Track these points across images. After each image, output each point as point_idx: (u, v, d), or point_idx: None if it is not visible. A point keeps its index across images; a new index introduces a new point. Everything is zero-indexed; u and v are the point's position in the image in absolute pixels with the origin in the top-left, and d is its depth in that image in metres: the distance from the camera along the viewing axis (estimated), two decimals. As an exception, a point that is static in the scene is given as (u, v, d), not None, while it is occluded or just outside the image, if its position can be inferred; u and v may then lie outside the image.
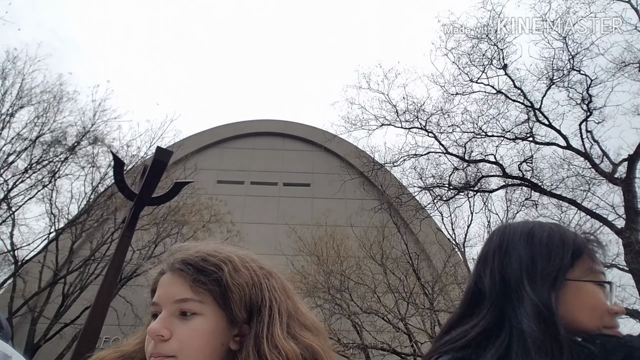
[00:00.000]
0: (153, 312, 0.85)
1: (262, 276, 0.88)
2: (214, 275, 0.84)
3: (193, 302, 0.82)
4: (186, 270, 0.84)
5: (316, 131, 18.33)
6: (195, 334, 0.80)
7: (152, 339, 0.79)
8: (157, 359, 0.77)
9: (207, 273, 0.84)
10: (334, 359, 0.85)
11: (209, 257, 0.87)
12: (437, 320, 9.89)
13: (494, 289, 0.90)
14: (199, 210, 13.11)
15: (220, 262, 0.86)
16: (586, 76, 9.92)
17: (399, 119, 11.58)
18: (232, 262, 0.86)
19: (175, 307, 0.82)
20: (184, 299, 0.82)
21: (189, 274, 0.84)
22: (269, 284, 0.88)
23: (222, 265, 0.86)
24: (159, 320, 0.80)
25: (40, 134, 11.92)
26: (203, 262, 0.86)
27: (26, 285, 11.37)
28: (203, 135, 19.99)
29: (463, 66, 10.98)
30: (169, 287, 0.84)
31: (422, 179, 11.52)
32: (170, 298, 0.83)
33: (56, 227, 12.03)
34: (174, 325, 0.80)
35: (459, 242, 11.92)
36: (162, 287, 0.86)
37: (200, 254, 0.87)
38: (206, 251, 0.88)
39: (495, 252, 0.94)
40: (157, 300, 0.84)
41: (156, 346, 0.78)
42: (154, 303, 0.85)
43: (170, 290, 0.84)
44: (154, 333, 0.78)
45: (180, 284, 0.84)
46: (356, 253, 11.85)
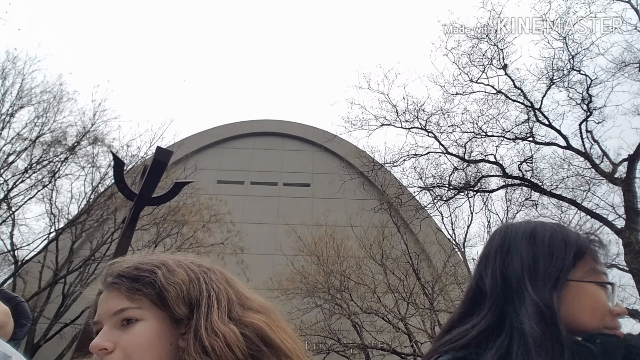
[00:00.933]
0: (96, 331, 0.85)
1: (199, 272, 0.89)
2: (148, 279, 0.85)
3: (131, 310, 0.83)
4: (120, 282, 0.86)
5: (316, 131, 18.33)
6: (139, 338, 0.81)
7: (97, 355, 0.79)
8: None
9: (140, 279, 0.85)
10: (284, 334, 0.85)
11: (141, 265, 0.89)
12: (437, 320, 9.89)
13: (495, 288, 0.90)
14: (199, 210, 13.11)
15: (153, 267, 0.88)
16: (586, 76, 9.92)
17: (399, 119, 11.59)
18: (165, 264, 0.88)
19: (115, 319, 0.83)
20: (121, 309, 0.83)
21: (123, 285, 0.85)
22: (207, 277, 0.89)
23: (155, 269, 0.87)
24: (100, 335, 0.81)
25: (40, 134, 11.92)
26: (136, 270, 0.87)
27: (26, 285, 11.37)
28: (203, 135, 19.98)
29: (463, 66, 10.98)
30: (105, 303, 0.86)
31: (422, 179, 11.53)
32: (108, 312, 0.84)
33: (56, 227, 12.03)
34: (117, 337, 0.81)
35: (459, 242, 11.92)
36: (99, 305, 0.87)
37: (132, 264, 0.89)
38: (138, 261, 0.90)
39: (497, 252, 0.94)
40: (97, 318, 0.85)
41: (102, 359, 0.78)
42: (95, 322, 0.86)
43: (107, 305, 0.85)
44: (96, 348, 0.79)
45: (116, 297, 0.85)
46: (356, 253, 11.85)
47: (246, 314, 0.85)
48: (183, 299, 0.85)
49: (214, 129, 20.57)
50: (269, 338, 0.82)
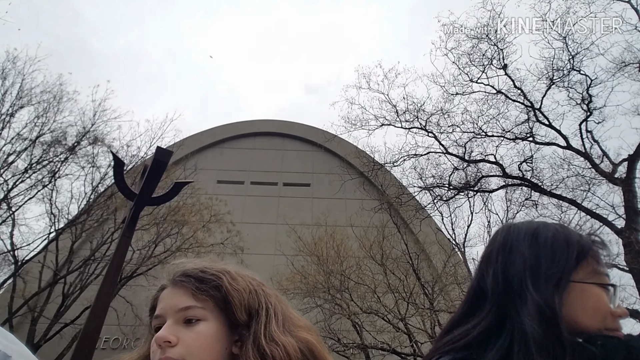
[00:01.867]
0: (156, 326, 0.89)
1: (256, 285, 0.95)
2: (214, 282, 0.90)
3: (196, 309, 0.87)
4: (187, 281, 0.90)
5: (316, 131, 18.33)
6: (201, 337, 0.85)
7: (160, 346, 0.82)
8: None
9: (207, 281, 0.90)
10: (328, 354, 0.90)
11: (207, 268, 0.93)
12: (437, 320, 9.88)
13: (496, 288, 0.89)
14: (199, 210, 13.11)
15: (218, 272, 0.93)
16: (586, 76, 9.92)
17: (399, 119, 11.58)
18: (229, 272, 0.94)
19: (179, 316, 0.87)
20: (187, 307, 0.87)
21: (190, 284, 0.89)
22: (264, 291, 0.95)
23: (220, 274, 0.92)
24: (165, 328, 0.85)
25: (40, 134, 11.92)
26: (202, 273, 0.92)
27: (26, 285, 11.37)
28: (203, 135, 19.98)
29: (463, 66, 10.98)
30: (170, 299, 0.90)
31: (422, 179, 11.53)
32: (173, 308, 0.88)
33: (56, 227, 12.03)
34: (180, 332, 0.84)
35: (459, 242, 11.92)
36: (163, 300, 0.91)
37: (198, 267, 0.94)
38: (203, 264, 0.96)
39: (498, 252, 0.94)
40: (161, 312, 0.89)
41: (164, 351, 0.82)
42: (157, 316, 0.90)
43: (172, 301, 0.89)
44: (161, 339, 0.82)
45: (182, 294, 0.89)
46: (356, 253, 11.85)
47: (299, 330, 0.90)
48: (244, 306, 0.90)
49: (214, 129, 20.57)
50: (320, 355, 0.87)
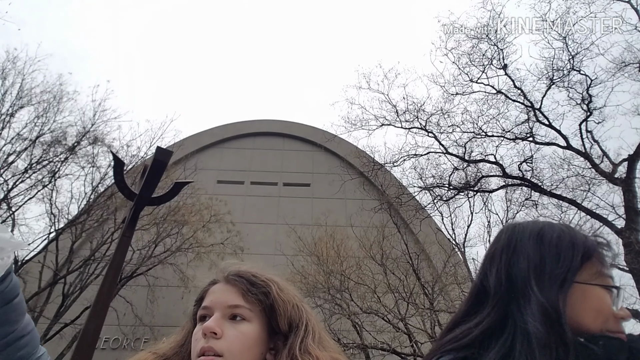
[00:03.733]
0: (202, 315, 0.95)
1: (299, 300, 1.01)
2: (263, 289, 0.96)
3: (244, 309, 0.93)
4: (240, 281, 0.97)
5: (316, 131, 18.32)
6: (243, 336, 0.90)
7: (205, 335, 0.88)
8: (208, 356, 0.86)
9: (257, 286, 0.96)
10: None
11: (258, 274, 1.00)
12: (437, 321, 9.88)
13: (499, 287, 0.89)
14: (199, 210, 13.11)
15: (268, 280, 0.99)
16: (586, 76, 9.92)
17: (399, 119, 11.59)
18: (277, 282, 1.00)
19: (227, 311, 0.93)
20: (236, 305, 0.93)
21: (242, 284, 0.96)
22: (304, 307, 1.01)
23: (270, 282, 0.98)
24: (213, 319, 0.90)
25: (40, 134, 11.92)
26: (254, 277, 0.98)
27: (26, 285, 11.36)
28: (203, 135, 19.97)
29: (463, 66, 10.98)
30: (221, 294, 0.96)
31: (422, 179, 11.53)
32: (223, 303, 0.94)
33: (56, 227, 12.03)
34: (225, 327, 0.90)
35: (459, 242, 11.92)
36: (214, 294, 0.97)
37: (250, 271, 1.00)
38: (255, 269, 1.02)
39: (502, 251, 0.94)
40: (210, 304, 0.95)
41: (208, 341, 0.87)
42: (205, 307, 0.95)
43: (223, 296, 0.95)
44: (209, 329, 0.88)
45: (234, 292, 0.95)
46: (356, 253, 11.85)
47: (330, 351, 0.94)
48: (287, 317, 0.95)
49: (214, 129, 20.56)
50: None
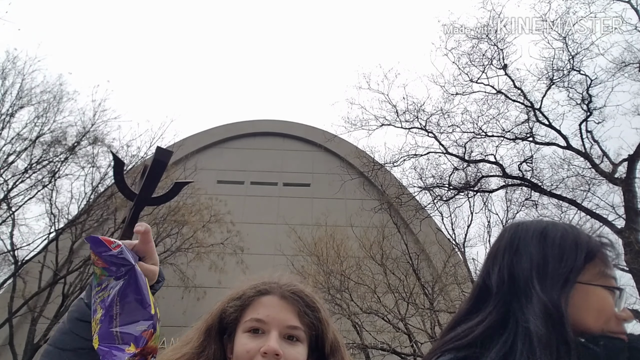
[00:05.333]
0: (253, 327, 0.93)
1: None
2: (317, 313, 0.96)
3: (300, 331, 0.93)
4: (297, 300, 0.96)
5: (316, 131, 18.32)
6: (301, 358, 0.91)
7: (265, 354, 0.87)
8: None
9: (312, 309, 0.96)
10: None
11: (309, 294, 1.00)
12: (437, 321, 9.88)
13: (502, 286, 0.89)
14: (199, 210, 13.11)
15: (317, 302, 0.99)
16: (586, 76, 9.92)
17: (399, 119, 11.58)
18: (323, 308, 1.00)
19: (285, 332, 0.92)
20: (295, 327, 0.93)
21: (300, 305, 0.95)
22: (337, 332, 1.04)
23: (319, 305, 0.99)
24: (276, 340, 0.89)
25: (40, 134, 11.92)
26: (307, 297, 0.98)
27: (26, 285, 11.37)
28: (203, 135, 19.96)
29: (463, 66, 10.98)
30: (279, 311, 0.94)
31: (422, 179, 11.52)
32: (282, 322, 0.92)
33: (56, 227, 12.02)
34: (284, 348, 0.89)
35: (459, 242, 11.91)
36: (269, 308, 0.94)
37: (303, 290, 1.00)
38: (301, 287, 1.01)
39: (505, 249, 0.94)
40: (266, 319, 0.93)
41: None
42: (259, 320, 0.93)
43: (281, 314, 0.93)
44: (274, 351, 0.87)
45: (290, 312, 0.94)
46: (356, 253, 11.84)
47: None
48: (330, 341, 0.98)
49: (214, 129, 20.55)
50: None
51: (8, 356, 11.16)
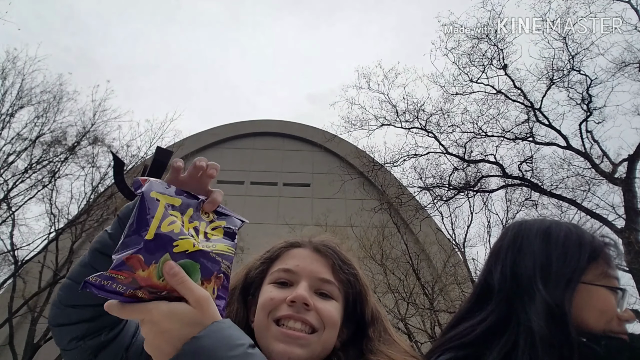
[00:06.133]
0: (281, 279, 0.83)
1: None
2: (353, 270, 0.86)
3: (333, 286, 0.82)
4: (330, 253, 0.85)
5: (316, 131, 18.32)
6: (334, 315, 0.80)
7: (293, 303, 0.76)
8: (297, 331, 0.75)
9: (347, 265, 0.85)
10: None
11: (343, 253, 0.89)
12: (437, 321, 9.88)
13: (504, 284, 0.89)
14: (199, 210, 13.09)
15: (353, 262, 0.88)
16: (586, 76, 9.92)
17: (399, 119, 11.58)
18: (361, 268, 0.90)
19: (316, 284, 0.81)
20: (327, 280, 0.82)
21: (334, 258, 0.84)
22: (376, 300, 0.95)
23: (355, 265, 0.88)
24: (306, 289, 0.79)
25: (40, 134, 11.91)
26: (341, 253, 0.87)
27: (26, 285, 11.36)
28: (203, 135, 19.97)
29: (463, 66, 10.98)
30: (310, 262, 0.83)
31: (422, 179, 11.52)
32: (313, 273, 0.82)
33: (56, 227, 12.02)
34: (315, 301, 0.79)
35: (459, 242, 11.91)
36: (299, 259, 0.84)
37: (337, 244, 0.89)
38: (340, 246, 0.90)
39: (508, 248, 0.93)
40: (296, 269, 0.82)
41: (300, 311, 0.77)
42: (287, 270, 0.83)
43: (312, 265, 0.83)
44: (302, 299, 0.77)
45: (323, 265, 0.84)
46: (356, 253, 11.81)
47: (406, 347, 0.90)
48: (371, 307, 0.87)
49: (214, 129, 20.56)
50: None
51: (8, 356, 11.16)
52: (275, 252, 0.88)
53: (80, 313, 0.80)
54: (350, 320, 0.85)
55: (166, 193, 0.71)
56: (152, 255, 0.61)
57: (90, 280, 0.58)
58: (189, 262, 0.63)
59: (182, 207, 0.71)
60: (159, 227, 0.63)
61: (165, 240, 0.62)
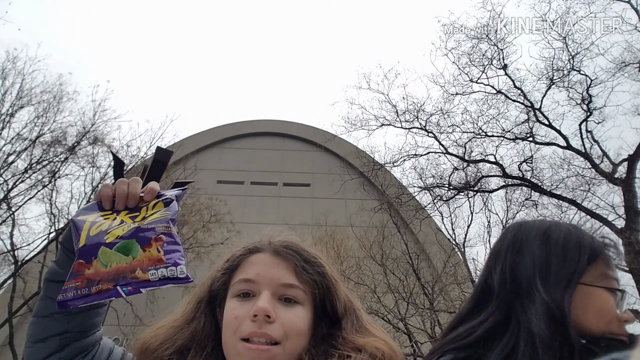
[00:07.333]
0: (243, 290, 0.79)
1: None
2: (318, 268, 0.82)
3: (298, 290, 0.78)
4: (291, 255, 0.81)
5: (316, 131, 18.33)
6: (300, 323, 0.76)
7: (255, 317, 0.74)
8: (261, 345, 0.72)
9: (311, 263, 0.81)
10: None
11: (307, 248, 0.85)
12: (437, 321, 9.88)
13: (503, 286, 0.89)
14: (199, 211, 13.10)
15: (319, 257, 0.84)
16: (586, 76, 9.92)
17: (399, 119, 11.58)
18: (327, 264, 0.85)
19: (279, 291, 0.78)
20: (290, 285, 0.78)
21: (295, 259, 0.80)
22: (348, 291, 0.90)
23: (322, 261, 0.84)
24: (267, 300, 0.75)
25: (40, 134, 11.91)
26: (305, 252, 0.83)
27: (26, 286, 11.36)
28: (203, 135, 19.98)
29: (463, 66, 10.98)
30: (271, 268, 0.80)
31: (422, 179, 11.52)
32: (274, 280, 0.78)
33: (56, 227, 12.01)
34: (277, 310, 0.76)
35: (459, 242, 11.91)
36: (259, 265, 0.81)
37: (299, 244, 0.85)
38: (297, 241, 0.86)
39: (508, 249, 0.93)
40: (255, 278, 0.79)
41: (262, 325, 0.73)
42: (247, 280, 0.79)
43: (274, 272, 0.79)
44: (264, 311, 0.73)
45: (285, 268, 0.80)
46: (356, 253, 11.84)
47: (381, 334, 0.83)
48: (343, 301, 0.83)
49: (214, 129, 20.57)
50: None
51: (8, 356, 11.16)
52: (235, 260, 0.85)
53: (48, 345, 0.82)
54: (324, 317, 0.82)
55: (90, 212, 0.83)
56: (89, 255, 0.73)
57: (59, 300, 0.71)
58: (124, 242, 0.75)
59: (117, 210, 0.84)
60: (88, 235, 0.76)
61: (95, 239, 0.75)
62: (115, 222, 0.79)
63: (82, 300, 0.71)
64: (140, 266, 0.72)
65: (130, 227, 0.77)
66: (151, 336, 0.82)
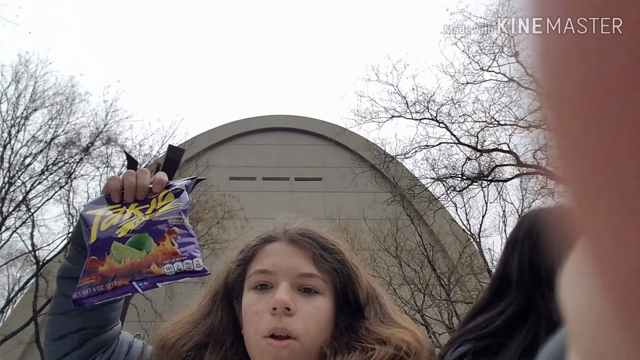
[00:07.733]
0: (260, 282, 0.76)
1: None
2: (337, 255, 0.78)
3: (318, 279, 0.75)
4: (309, 243, 0.78)
5: (326, 125, 18.29)
6: (319, 314, 0.74)
7: (275, 310, 0.71)
8: (282, 340, 0.69)
9: (330, 251, 0.78)
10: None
11: (325, 235, 0.82)
12: (454, 311, 9.85)
13: (522, 275, 0.88)
14: (212, 207, 13.21)
15: (338, 244, 0.81)
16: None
17: (409, 110, 11.48)
18: (347, 251, 0.82)
19: (298, 281, 0.75)
20: (309, 274, 0.75)
21: (313, 247, 0.77)
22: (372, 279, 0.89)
23: (342, 248, 0.81)
24: (286, 291, 0.71)
25: (55, 135, 12.11)
26: (322, 239, 0.80)
27: (48, 285, 11.62)
28: (214, 132, 20.09)
29: (473, 55, 10.81)
30: (288, 258, 0.76)
31: (435, 170, 11.42)
32: (292, 270, 0.75)
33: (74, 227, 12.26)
34: (297, 301, 0.73)
35: (474, 233, 11.81)
36: (275, 255, 0.77)
37: (317, 231, 0.82)
38: (319, 231, 0.83)
39: (525, 238, 0.92)
40: (272, 269, 0.75)
41: (281, 319, 0.70)
42: (264, 271, 0.76)
43: (291, 261, 0.76)
44: (282, 304, 0.70)
45: (302, 257, 0.77)
46: (370, 246, 11.84)
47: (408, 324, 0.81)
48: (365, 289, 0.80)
49: (225, 125, 20.66)
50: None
51: (35, 354, 11.46)
52: (250, 251, 0.82)
53: (67, 342, 0.82)
54: (345, 306, 0.79)
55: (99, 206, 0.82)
56: (102, 250, 0.72)
57: (74, 298, 0.70)
58: (137, 236, 0.74)
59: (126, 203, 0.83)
60: (99, 229, 0.75)
61: (107, 234, 0.74)
62: (125, 216, 0.77)
63: (97, 298, 0.70)
64: (155, 260, 0.72)
65: (141, 220, 0.76)
66: (168, 332, 0.80)
